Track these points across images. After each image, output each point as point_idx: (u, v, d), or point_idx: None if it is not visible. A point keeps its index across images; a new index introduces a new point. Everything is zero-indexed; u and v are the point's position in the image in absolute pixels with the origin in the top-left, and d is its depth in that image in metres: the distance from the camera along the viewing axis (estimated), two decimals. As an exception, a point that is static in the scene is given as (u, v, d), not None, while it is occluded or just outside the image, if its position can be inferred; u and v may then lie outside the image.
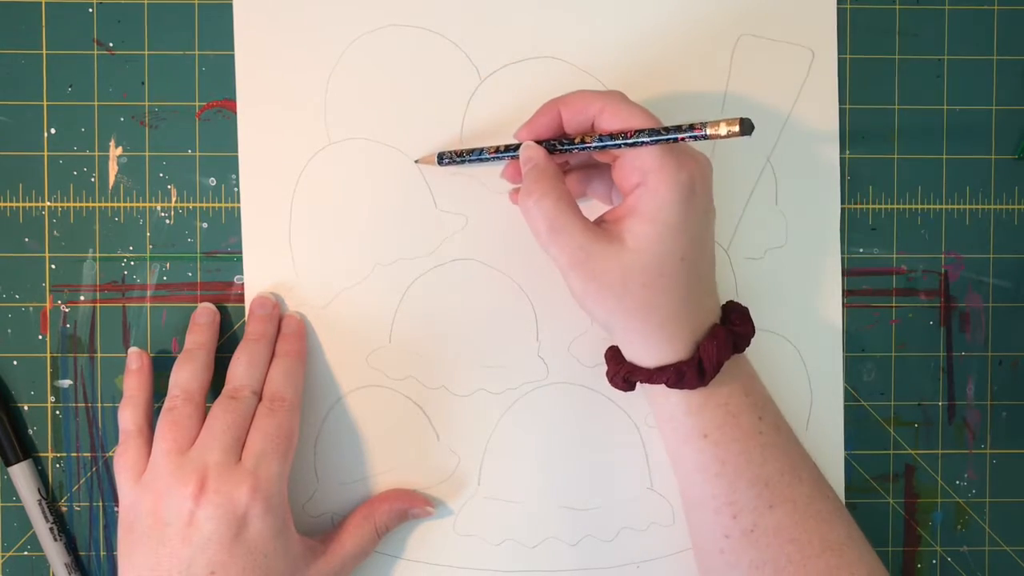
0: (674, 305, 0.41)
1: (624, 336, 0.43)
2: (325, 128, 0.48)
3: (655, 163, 0.40)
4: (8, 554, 0.48)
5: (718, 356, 0.41)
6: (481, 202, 0.48)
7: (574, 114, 0.42)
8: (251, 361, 0.45)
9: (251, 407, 0.44)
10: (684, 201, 0.40)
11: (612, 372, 0.44)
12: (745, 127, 0.37)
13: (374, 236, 0.48)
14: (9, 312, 0.48)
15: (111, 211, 0.48)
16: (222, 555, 0.40)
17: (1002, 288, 0.50)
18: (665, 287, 0.41)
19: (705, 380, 0.42)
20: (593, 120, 0.42)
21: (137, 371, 0.45)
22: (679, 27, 0.48)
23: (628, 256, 0.40)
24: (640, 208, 0.40)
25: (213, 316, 0.47)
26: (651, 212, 0.40)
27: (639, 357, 0.43)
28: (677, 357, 0.42)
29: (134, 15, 0.48)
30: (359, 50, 0.48)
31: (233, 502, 0.41)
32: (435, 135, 0.48)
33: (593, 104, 0.42)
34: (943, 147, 0.50)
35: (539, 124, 0.43)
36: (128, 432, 0.44)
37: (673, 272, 0.41)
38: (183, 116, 0.48)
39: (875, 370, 0.50)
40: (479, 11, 0.48)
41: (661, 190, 0.40)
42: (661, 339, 0.42)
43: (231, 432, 0.42)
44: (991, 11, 0.49)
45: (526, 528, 0.48)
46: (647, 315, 0.41)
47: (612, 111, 0.41)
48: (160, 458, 0.42)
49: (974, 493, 0.50)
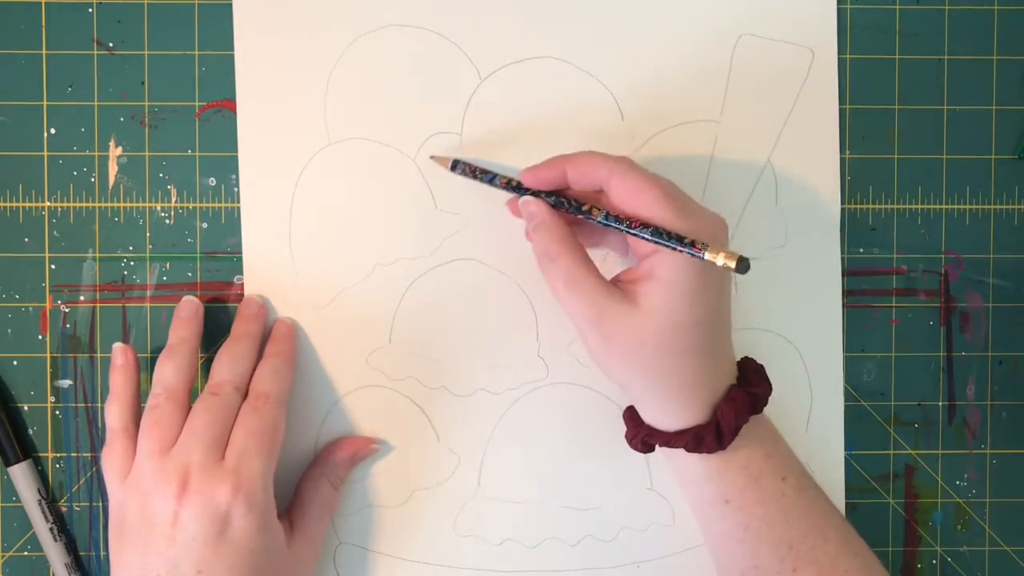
0: (690, 369, 0.41)
1: (640, 398, 0.43)
2: (325, 128, 0.48)
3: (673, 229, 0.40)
4: (8, 554, 0.48)
5: (736, 420, 0.41)
6: (481, 202, 0.48)
7: (580, 176, 0.42)
8: (234, 358, 0.44)
9: (233, 403, 0.43)
10: (701, 268, 0.40)
11: (631, 434, 0.44)
12: (741, 266, 0.38)
13: (374, 236, 0.48)
14: (9, 312, 0.48)
15: (111, 211, 0.48)
16: (208, 554, 0.40)
17: (1002, 288, 0.50)
18: (680, 352, 0.40)
19: (724, 444, 0.41)
20: (600, 185, 0.42)
21: (122, 367, 0.45)
22: (679, 27, 0.48)
23: (642, 319, 0.40)
24: (656, 272, 0.40)
25: (196, 310, 0.46)
26: (667, 278, 0.40)
27: (657, 420, 0.43)
28: (695, 420, 0.42)
29: (134, 15, 0.48)
30: (359, 50, 0.48)
31: (215, 501, 0.40)
32: (435, 135, 0.48)
33: (601, 169, 0.41)
34: (943, 147, 0.50)
35: (543, 175, 0.43)
36: (114, 431, 0.43)
37: (688, 338, 0.40)
38: (183, 116, 0.48)
39: (875, 370, 0.50)
40: (479, 11, 0.48)
41: (677, 257, 0.40)
42: (678, 403, 0.41)
43: (212, 430, 0.42)
44: (991, 11, 0.49)
45: (526, 528, 0.48)
46: (662, 378, 0.41)
47: (620, 180, 0.41)
48: (143, 458, 0.42)
49: (974, 493, 0.50)
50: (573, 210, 0.43)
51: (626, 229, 0.41)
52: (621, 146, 0.48)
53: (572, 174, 0.42)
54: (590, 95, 0.48)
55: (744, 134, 0.48)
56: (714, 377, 0.42)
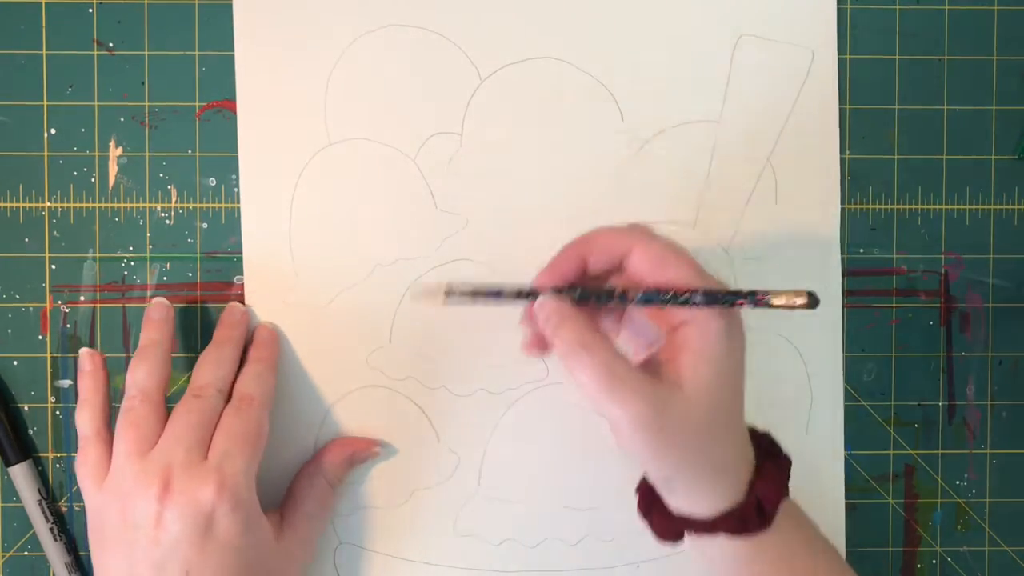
0: (732, 446, 0.39)
1: (679, 485, 0.39)
2: (325, 128, 0.48)
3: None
4: (8, 554, 0.48)
5: (777, 495, 0.39)
6: (482, 203, 0.48)
7: (601, 256, 0.39)
8: (216, 361, 0.44)
9: (216, 406, 0.43)
10: (729, 330, 0.38)
11: (660, 528, 0.41)
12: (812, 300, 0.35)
13: (374, 236, 0.48)
14: (9, 312, 0.48)
15: (111, 211, 0.48)
16: (193, 554, 0.40)
17: (1002, 288, 0.50)
18: (724, 427, 0.38)
19: (769, 523, 0.39)
20: (619, 260, 0.39)
21: (91, 372, 0.44)
22: (680, 27, 0.48)
23: (690, 401, 0.37)
24: (690, 345, 0.37)
25: (167, 312, 0.46)
26: (701, 349, 0.37)
27: (693, 506, 0.39)
28: (735, 500, 0.39)
29: (134, 15, 0.48)
30: (359, 50, 0.48)
31: (199, 501, 0.40)
32: (435, 135, 0.48)
33: (621, 244, 0.39)
34: (943, 147, 0.50)
35: (562, 270, 0.40)
36: (86, 436, 0.43)
37: (730, 411, 0.39)
38: (183, 116, 0.48)
39: (875, 370, 0.50)
40: (479, 11, 0.48)
41: (711, 324, 0.37)
42: (719, 484, 0.39)
43: (194, 431, 0.41)
44: (991, 11, 0.49)
45: (526, 528, 0.48)
46: (708, 461, 0.38)
47: (642, 251, 0.38)
48: (122, 460, 0.41)
49: (974, 493, 0.50)
50: (604, 300, 0.38)
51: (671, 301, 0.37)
52: (621, 147, 0.48)
53: (592, 256, 0.39)
54: (590, 96, 0.48)
55: (744, 135, 0.48)
56: (746, 450, 0.40)
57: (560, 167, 0.48)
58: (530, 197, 0.48)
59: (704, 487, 0.39)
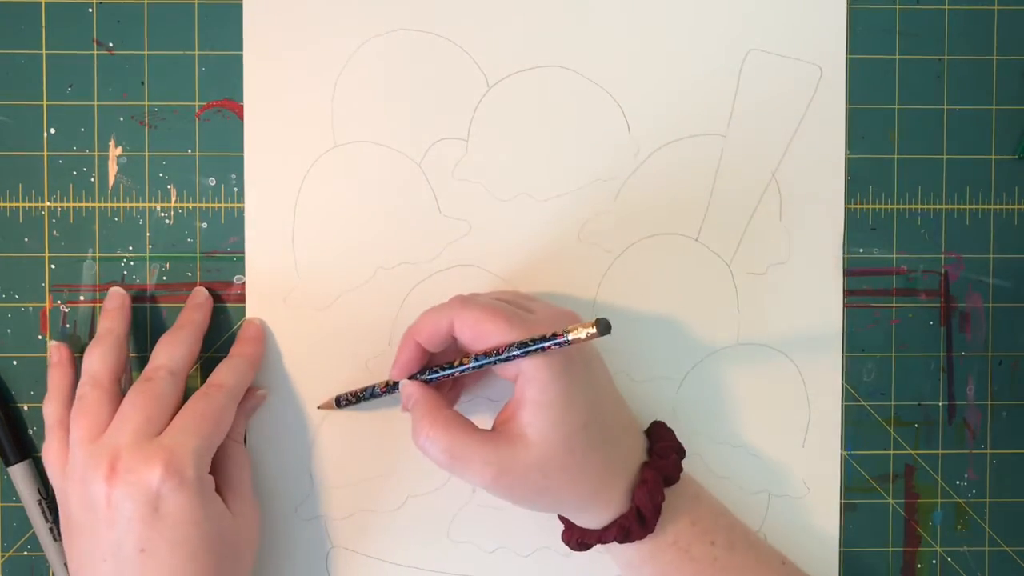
0: (597, 470, 0.42)
1: (567, 512, 0.44)
2: (331, 130, 0.48)
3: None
4: (8, 554, 0.48)
5: (653, 501, 0.42)
6: (484, 208, 0.48)
7: (430, 337, 0.42)
8: (171, 343, 0.45)
9: (166, 388, 0.43)
10: (563, 370, 0.40)
11: (567, 537, 0.45)
12: (601, 327, 0.38)
13: (377, 239, 0.48)
14: (9, 312, 0.48)
15: (111, 211, 0.48)
16: (147, 532, 0.40)
17: (1002, 288, 0.50)
18: (582, 454, 0.41)
19: (650, 527, 0.42)
20: (450, 334, 0.42)
21: (57, 364, 0.46)
22: (688, 40, 0.48)
23: (536, 451, 0.40)
24: (527, 396, 0.40)
25: (123, 301, 0.46)
26: (536, 396, 0.40)
27: (585, 522, 0.43)
28: (619, 511, 0.42)
29: (134, 15, 0.48)
30: (368, 53, 0.48)
31: (144, 480, 0.40)
32: (441, 140, 0.48)
33: (441, 321, 0.42)
34: (943, 147, 0.50)
35: (405, 361, 0.44)
36: (50, 426, 0.44)
37: (583, 443, 0.41)
38: (183, 116, 0.48)
39: (875, 370, 0.50)
40: (489, 18, 0.48)
41: (540, 373, 0.40)
42: (598, 504, 0.42)
43: (142, 412, 0.42)
44: (991, 11, 0.49)
45: (520, 536, 0.48)
46: (576, 488, 0.41)
47: (460, 321, 0.41)
48: (75, 447, 0.42)
49: (974, 493, 0.50)
50: (446, 371, 0.43)
51: (496, 359, 0.40)
52: (627, 158, 0.48)
53: (422, 340, 0.43)
54: (597, 106, 0.48)
55: (750, 149, 0.48)
56: (625, 461, 0.43)
57: (565, 176, 0.48)
58: (534, 205, 0.48)
59: (585, 506, 0.42)
